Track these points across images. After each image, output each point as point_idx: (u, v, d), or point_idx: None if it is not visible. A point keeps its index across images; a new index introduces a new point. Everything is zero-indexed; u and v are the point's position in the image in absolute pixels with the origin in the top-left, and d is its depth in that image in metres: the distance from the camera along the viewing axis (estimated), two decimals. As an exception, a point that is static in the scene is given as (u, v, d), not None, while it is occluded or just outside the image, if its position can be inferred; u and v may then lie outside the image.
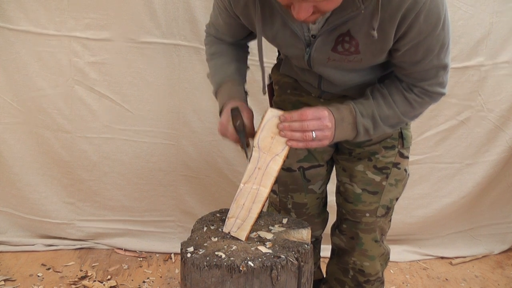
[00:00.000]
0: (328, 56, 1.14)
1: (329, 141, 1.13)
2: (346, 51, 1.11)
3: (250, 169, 1.13)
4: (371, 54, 1.11)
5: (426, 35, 1.03)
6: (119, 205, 2.20)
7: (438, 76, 1.14)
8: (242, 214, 1.14)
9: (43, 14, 1.91)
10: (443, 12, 1.02)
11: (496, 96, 2.14)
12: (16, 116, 2.04)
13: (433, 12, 1.00)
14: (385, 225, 1.47)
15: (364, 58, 1.12)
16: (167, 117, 2.09)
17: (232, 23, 1.26)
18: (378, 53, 1.11)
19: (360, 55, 1.11)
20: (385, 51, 1.10)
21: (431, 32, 1.03)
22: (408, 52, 1.08)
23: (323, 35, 1.10)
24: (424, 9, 0.99)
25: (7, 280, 1.92)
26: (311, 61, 1.18)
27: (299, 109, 1.10)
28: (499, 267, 2.27)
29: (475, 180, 2.27)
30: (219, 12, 1.26)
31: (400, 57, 1.11)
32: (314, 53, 1.15)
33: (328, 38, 1.11)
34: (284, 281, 1.03)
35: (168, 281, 2.01)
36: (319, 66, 1.20)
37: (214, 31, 1.36)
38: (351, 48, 1.10)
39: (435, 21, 1.02)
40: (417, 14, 0.99)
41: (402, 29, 1.03)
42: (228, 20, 1.25)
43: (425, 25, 1.01)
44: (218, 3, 1.24)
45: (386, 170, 1.37)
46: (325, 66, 1.19)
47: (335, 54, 1.13)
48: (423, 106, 1.21)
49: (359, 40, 1.08)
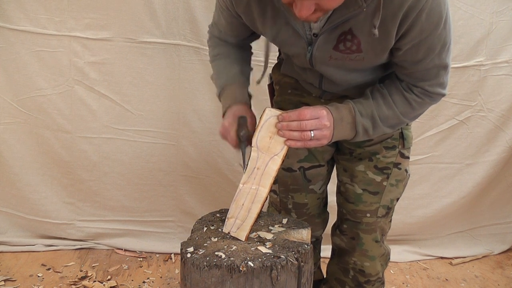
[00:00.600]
0: (330, 54, 1.14)
1: (327, 140, 1.13)
2: (348, 50, 1.11)
3: (249, 169, 1.13)
4: (373, 52, 1.11)
5: (427, 34, 1.03)
6: (119, 205, 2.20)
7: (439, 76, 1.14)
8: (241, 214, 1.14)
9: (43, 14, 1.91)
10: (445, 11, 1.02)
11: (496, 96, 2.14)
12: (16, 116, 2.04)
13: (435, 10, 1.00)
14: (386, 225, 1.46)
15: (366, 57, 1.12)
16: (167, 117, 2.09)
17: (235, 22, 1.25)
18: (380, 52, 1.10)
19: (362, 54, 1.11)
20: (387, 50, 1.09)
21: (433, 31, 1.03)
22: (410, 51, 1.08)
23: (324, 34, 1.10)
24: (426, 8, 0.99)
25: (7, 280, 1.92)
26: (313, 59, 1.18)
27: (297, 109, 1.10)
28: (499, 267, 2.27)
29: (475, 180, 2.27)
30: (221, 12, 1.26)
31: (401, 56, 1.11)
32: (316, 52, 1.15)
33: (330, 36, 1.10)
34: (284, 281, 1.03)
35: (168, 281, 2.01)
36: (321, 65, 1.19)
37: (217, 31, 1.36)
38: (353, 46, 1.10)
39: (437, 20, 1.02)
40: (419, 13, 0.99)
41: (403, 27, 1.02)
42: (230, 19, 1.25)
43: (427, 23, 1.01)
44: (220, 3, 1.24)
45: (387, 171, 1.37)
46: (327, 65, 1.18)
47: (337, 53, 1.13)
48: (423, 107, 1.21)
49: (361, 38, 1.08)
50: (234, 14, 1.21)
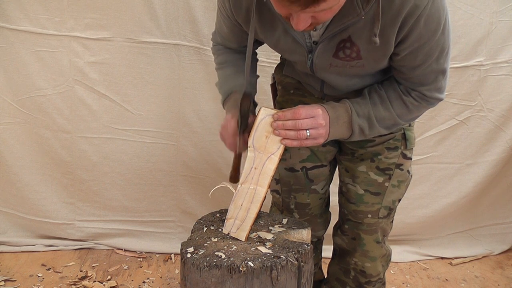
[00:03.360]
0: (330, 62, 1.14)
1: (324, 139, 1.13)
2: (347, 57, 1.11)
3: (247, 169, 1.13)
4: (372, 59, 1.11)
5: (426, 40, 1.04)
6: (119, 205, 2.20)
7: (437, 81, 1.14)
8: (240, 214, 1.14)
9: (43, 14, 1.91)
10: (444, 16, 1.02)
11: (496, 96, 2.14)
12: (16, 116, 2.04)
13: (434, 16, 1.00)
14: (387, 226, 1.46)
15: (366, 63, 1.12)
16: (167, 117, 2.09)
17: (236, 30, 1.25)
18: (379, 58, 1.11)
19: (362, 61, 1.11)
20: (386, 56, 1.10)
21: (431, 37, 1.03)
22: (408, 56, 1.08)
23: (324, 42, 1.11)
24: (424, 14, 0.99)
25: (7, 281, 1.92)
26: (314, 67, 1.18)
27: (292, 108, 1.10)
28: (499, 267, 2.27)
29: (475, 180, 2.26)
30: (223, 20, 1.26)
31: (400, 61, 1.11)
32: (316, 59, 1.15)
33: (329, 44, 1.11)
34: (284, 281, 1.03)
35: (168, 282, 2.01)
36: (321, 71, 1.20)
37: (220, 39, 1.36)
38: (353, 54, 1.10)
39: (435, 26, 1.02)
40: (417, 19, 0.99)
41: (402, 33, 1.03)
42: (232, 27, 1.25)
43: (425, 29, 1.01)
44: (221, 11, 1.23)
45: (389, 171, 1.37)
46: (328, 71, 1.19)
47: (336, 60, 1.13)
48: (420, 110, 1.21)
49: (360, 46, 1.08)
50: (235, 23, 1.22)
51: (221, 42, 1.37)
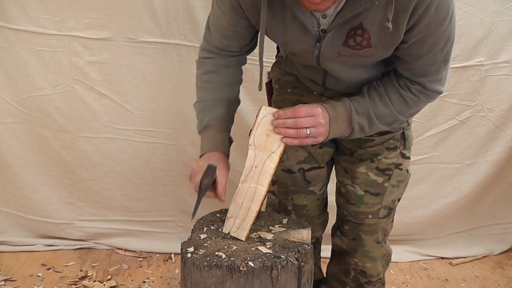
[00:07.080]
0: (338, 51, 1.13)
1: (323, 137, 1.14)
2: (357, 45, 1.10)
3: (247, 168, 1.13)
4: (382, 47, 1.10)
5: (434, 29, 1.03)
6: (119, 205, 2.20)
7: (439, 72, 1.14)
8: (241, 213, 1.14)
9: (43, 13, 1.91)
10: (452, 6, 1.03)
11: (496, 96, 2.14)
12: (16, 116, 2.04)
13: (443, 5, 1.00)
14: (388, 226, 1.46)
15: (375, 52, 1.11)
16: (167, 117, 2.09)
17: (237, 23, 1.20)
18: (389, 46, 1.10)
19: (372, 49, 1.10)
20: (395, 44, 1.09)
21: (439, 26, 1.03)
22: (415, 44, 1.08)
23: (334, 29, 1.09)
24: (435, 2, 0.99)
25: (7, 280, 1.92)
26: (321, 57, 1.16)
27: (293, 106, 1.10)
28: (499, 267, 2.27)
29: (475, 180, 2.26)
30: (222, 13, 1.20)
31: (406, 50, 1.11)
32: (324, 48, 1.14)
33: (339, 32, 1.09)
34: (284, 281, 1.03)
35: (168, 281, 2.01)
36: (328, 62, 1.18)
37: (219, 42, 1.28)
38: (363, 41, 1.09)
39: (444, 14, 1.02)
40: (428, 6, 0.99)
41: (412, 20, 1.02)
42: (233, 20, 1.20)
43: (435, 17, 1.01)
44: (220, 6, 1.19)
45: (388, 171, 1.37)
46: (334, 61, 1.17)
47: (346, 49, 1.12)
48: (419, 105, 1.21)
49: (371, 32, 1.07)
50: (237, 12, 1.17)
51: (219, 46, 1.29)
